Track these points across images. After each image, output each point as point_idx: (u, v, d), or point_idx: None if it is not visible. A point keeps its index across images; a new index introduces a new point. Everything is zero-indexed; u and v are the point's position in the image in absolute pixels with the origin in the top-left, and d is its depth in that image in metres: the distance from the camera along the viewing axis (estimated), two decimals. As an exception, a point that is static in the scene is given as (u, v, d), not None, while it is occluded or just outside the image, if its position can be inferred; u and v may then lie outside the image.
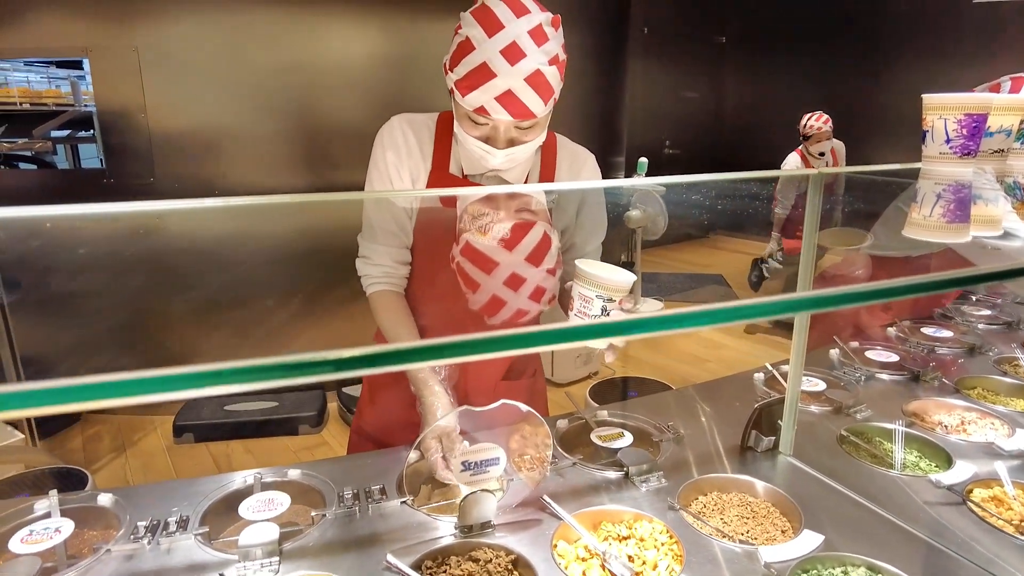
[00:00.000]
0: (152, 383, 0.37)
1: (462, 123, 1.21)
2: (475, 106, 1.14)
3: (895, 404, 1.58)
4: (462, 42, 1.14)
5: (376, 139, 1.34)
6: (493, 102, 1.12)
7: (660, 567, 1.02)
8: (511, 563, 1.02)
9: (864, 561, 1.03)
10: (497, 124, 1.16)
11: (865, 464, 1.34)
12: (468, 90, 1.13)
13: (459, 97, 1.15)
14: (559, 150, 1.38)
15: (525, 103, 1.13)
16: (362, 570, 0.99)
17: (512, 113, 1.13)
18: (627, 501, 1.17)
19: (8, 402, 0.35)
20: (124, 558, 1.02)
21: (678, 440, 1.37)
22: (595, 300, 1.09)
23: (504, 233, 1.25)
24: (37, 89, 3.41)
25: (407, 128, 1.32)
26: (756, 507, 1.20)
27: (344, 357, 0.39)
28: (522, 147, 1.21)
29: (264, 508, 1.10)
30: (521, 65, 1.10)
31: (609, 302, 1.09)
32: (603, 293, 1.09)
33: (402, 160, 1.31)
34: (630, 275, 1.11)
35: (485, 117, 1.15)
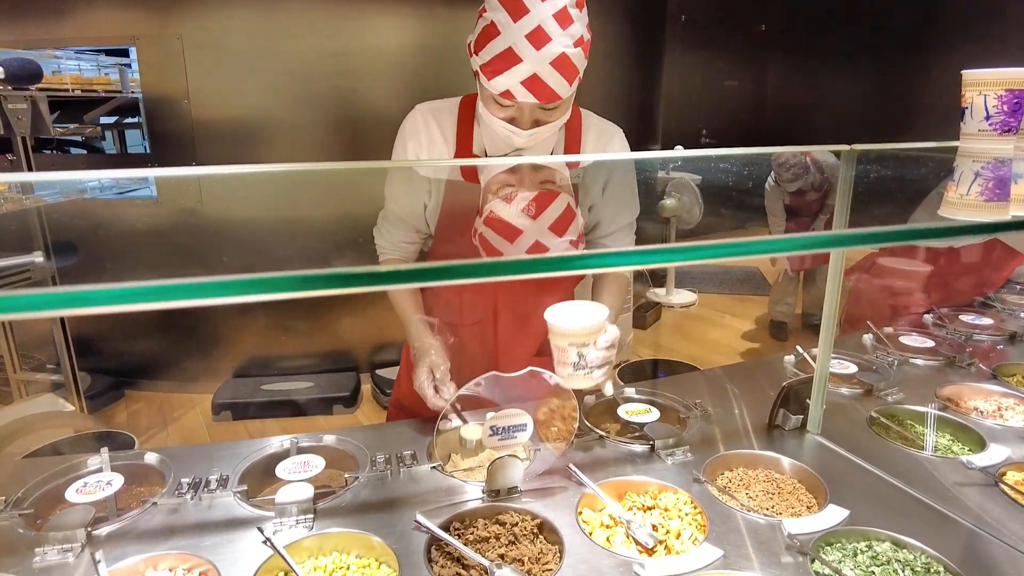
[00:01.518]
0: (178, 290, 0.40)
1: (487, 104, 1.23)
2: (501, 90, 1.15)
3: (928, 388, 1.56)
4: (487, 26, 1.15)
5: (399, 131, 1.37)
6: (519, 86, 1.13)
7: (684, 536, 1.03)
8: (537, 527, 1.05)
9: (889, 536, 1.03)
10: (522, 106, 1.18)
11: (895, 445, 1.33)
12: (493, 74, 1.14)
13: (484, 80, 1.17)
14: (584, 125, 1.38)
15: (551, 86, 1.14)
16: (392, 529, 1.02)
17: (538, 96, 1.14)
18: (652, 473, 1.18)
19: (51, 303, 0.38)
20: (169, 511, 1.08)
21: (705, 417, 1.38)
22: (569, 349, 1.11)
23: (528, 202, 1.27)
24: (88, 77, 3.53)
25: (429, 117, 1.34)
26: (782, 483, 1.20)
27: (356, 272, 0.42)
28: (546, 127, 1.22)
29: (300, 469, 1.15)
30: (547, 49, 1.11)
31: (583, 347, 1.11)
32: (575, 340, 1.11)
33: (422, 150, 1.33)
34: (597, 315, 1.12)
35: (510, 100, 1.16)
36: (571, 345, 1.09)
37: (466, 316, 1.44)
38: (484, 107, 1.24)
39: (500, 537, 1.02)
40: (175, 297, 0.42)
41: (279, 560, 0.95)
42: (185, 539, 1.01)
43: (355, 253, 1.37)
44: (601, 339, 1.11)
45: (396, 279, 0.47)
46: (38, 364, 3.65)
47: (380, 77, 3.67)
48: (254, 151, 3.64)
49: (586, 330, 1.10)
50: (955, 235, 0.62)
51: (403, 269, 0.48)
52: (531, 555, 0.98)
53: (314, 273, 0.44)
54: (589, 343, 1.10)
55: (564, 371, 1.13)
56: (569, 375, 1.13)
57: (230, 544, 1.00)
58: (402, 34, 3.71)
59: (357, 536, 1.02)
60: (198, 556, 0.97)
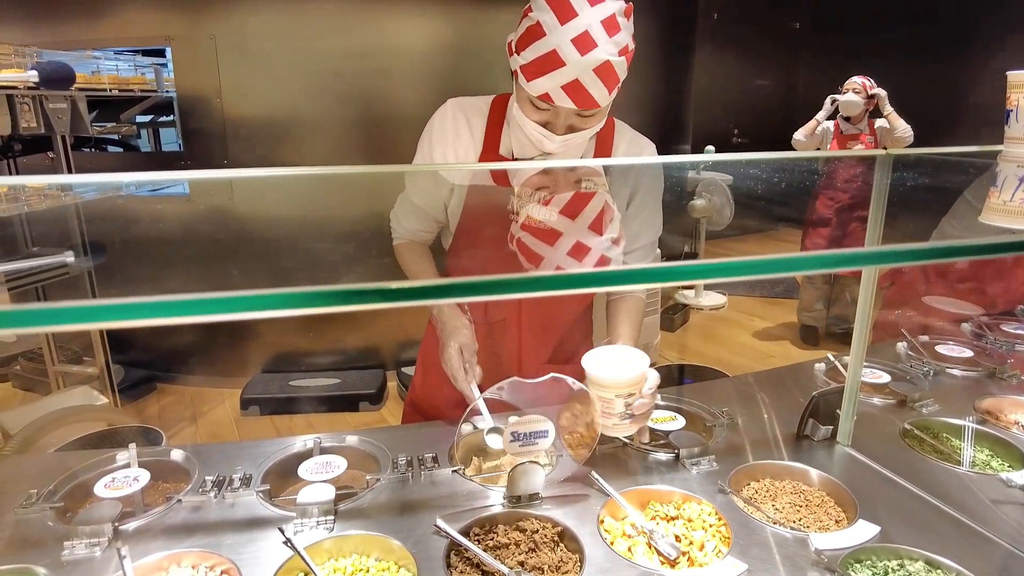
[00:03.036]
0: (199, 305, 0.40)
1: (522, 106, 1.21)
2: (539, 93, 1.13)
3: (966, 400, 1.51)
4: (532, 26, 1.12)
5: (427, 125, 1.36)
6: (559, 90, 1.11)
7: (707, 548, 1.01)
8: (557, 535, 1.04)
9: (922, 555, 0.99)
10: (559, 111, 1.16)
11: (929, 459, 1.29)
12: (534, 76, 1.12)
13: (523, 81, 1.15)
14: (616, 137, 1.36)
15: (591, 93, 1.12)
16: (412, 533, 1.02)
17: (577, 103, 1.12)
18: (676, 482, 1.16)
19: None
20: (192, 508, 1.09)
21: (732, 426, 1.35)
22: (615, 401, 1.11)
23: (565, 203, 1.26)
24: (125, 76, 3.61)
25: (459, 113, 1.33)
26: (810, 495, 1.17)
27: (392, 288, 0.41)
28: (580, 133, 1.20)
29: (322, 470, 1.16)
30: (591, 56, 1.08)
31: (629, 396, 1.11)
32: (621, 391, 1.11)
33: (448, 147, 1.32)
34: (640, 364, 1.12)
35: (548, 103, 1.15)
36: (617, 396, 1.10)
37: (491, 313, 1.44)
38: (518, 108, 1.22)
39: (520, 544, 1.01)
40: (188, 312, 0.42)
41: (299, 561, 0.96)
42: (207, 537, 1.02)
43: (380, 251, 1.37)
44: (646, 388, 1.12)
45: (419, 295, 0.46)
46: (74, 356, 3.74)
47: (408, 76, 3.69)
48: (284, 148, 3.68)
49: (632, 381, 1.10)
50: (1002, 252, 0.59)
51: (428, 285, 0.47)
52: (551, 563, 0.97)
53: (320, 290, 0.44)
54: (635, 392, 1.11)
55: (608, 421, 1.14)
56: (614, 425, 1.14)
57: (251, 544, 1.00)
58: (430, 34, 3.72)
59: (377, 539, 1.01)
60: (220, 555, 0.98)
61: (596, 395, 1.13)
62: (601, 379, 1.11)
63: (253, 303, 0.45)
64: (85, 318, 0.44)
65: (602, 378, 1.10)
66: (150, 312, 0.43)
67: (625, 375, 1.10)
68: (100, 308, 0.44)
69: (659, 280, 0.52)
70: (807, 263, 0.54)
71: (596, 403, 1.14)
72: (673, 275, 0.53)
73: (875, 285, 1.16)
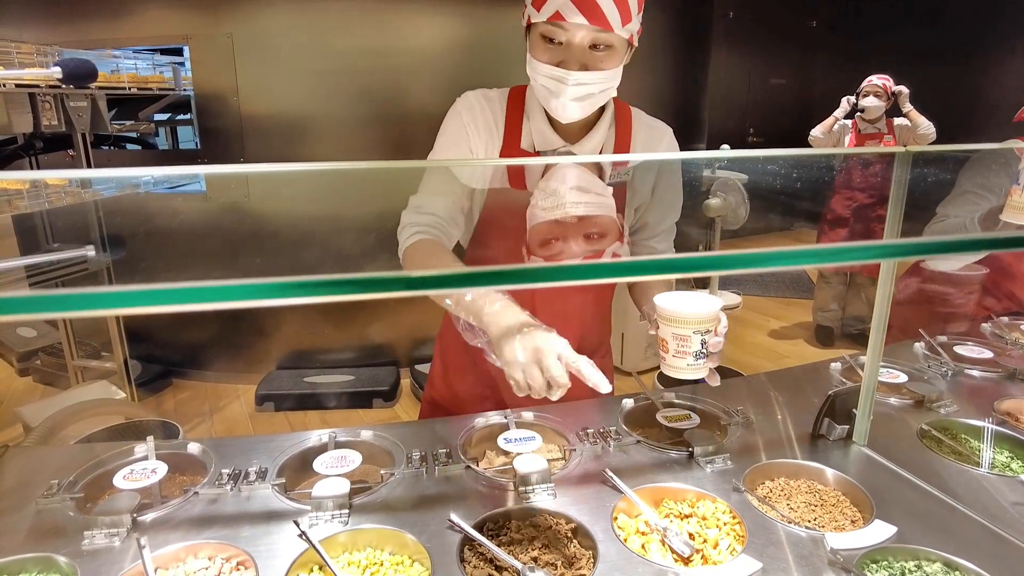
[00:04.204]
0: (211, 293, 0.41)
1: (534, 51, 1.19)
2: (550, 13, 1.12)
3: (985, 402, 1.49)
4: None
5: (451, 110, 1.35)
6: (568, 4, 1.10)
7: (721, 546, 1.01)
8: (571, 531, 1.04)
9: (940, 556, 0.98)
10: (570, 42, 1.14)
11: (947, 460, 1.27)
12: (543, 1, 1.13)
13: (534, 14, 1.15)
14: (635, 123, 1.36)
15: (602, 8, 1.10)
16: (426, 527, 1.03)
17: (588, 17, 1.10)
18: (691, 480, 1.16)
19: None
20: (209, 501, 1.10)
21: (747, 424, 1.35)
22: (693, 337, 1.07)
23: (571, 218, 1.26)
24: (144, 75, 3.65)
25: (483, 102, 1.33)
26: (825, 495, 1.16)
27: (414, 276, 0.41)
28: (595, 75, 1.17)
29: (337, 464, 1.16)
30: None
31: (707, 333, 1.07)
32: (700, 327, 1.06)
33: (479, 130, 1.31)
34: (715, 299, 1.10)
35: (560, 28, 1.13)
36: (696, 333, 1.06)
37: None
38: (532, 58, 1.20)
39: (534, 540, 1.01)
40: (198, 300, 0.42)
41: (314, 554, 0.96)
42: (224, 529, 1.03)
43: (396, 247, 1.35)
44: (721, 326, 1.09)
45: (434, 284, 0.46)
46: (93, 351, 3.79)
47: (423, 74, 3.70)
48: (300, 146, 3.71)
49: (712, 315, 1.06)
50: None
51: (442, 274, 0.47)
52: (565, 559, 0.97)
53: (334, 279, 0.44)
54: (712, 329, 1.07)
55: (683, 361, 1.09)
56: (688, 365, 1.09)
57: (267, 536, 1.01)
58: (446, 31, 3.72)
59: (391, 533, 1.02)
60: (236, 547, 0.99)
61: (672, 333, 1.08)
62: (680, 314, 1.06)
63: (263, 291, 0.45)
64: (97, 304, 0.45)
65: (681, 312, 1.05)
66: (163, 299, 0.44)
67: (705, 309, 1.06)
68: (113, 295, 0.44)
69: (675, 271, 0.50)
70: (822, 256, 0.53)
71: (670, 343, 1.08)
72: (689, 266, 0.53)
73: (893, 282, 1.15)
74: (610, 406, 1.42)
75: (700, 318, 1.05)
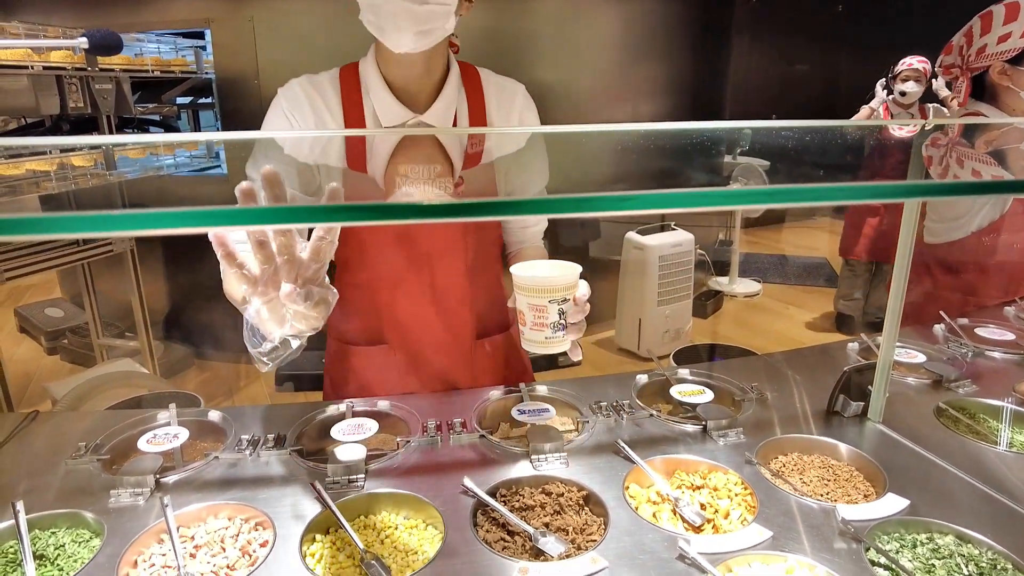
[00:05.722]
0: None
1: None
2: None
3: (1006, 382, 1.47)
4: None
5: (271, 105, 1.23)
6: None
7: (732, 516, 1.02)
8: (583, 499, 1.05)
9: (952, 529, 0.98)
10: None
11: (964, 438, 1.26)
12: None
13: None
14: (485, 85, 1.32)
15: None
16: (440, 492, 1.04)
17: None
18: (704, 453, 1.16)
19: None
20: (228, 464, 1.13)
21: (761, 401, 1.35)
22: (549, 307, 1.03)
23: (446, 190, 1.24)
24: (166, 59, 3.69)
25: (309, 88, 1.23)
26: (838, 470, 1.16)
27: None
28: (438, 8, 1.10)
29: (354, 431, 1.19)
30: None
31: (564, 303, 1.03)
32: (556, 295, 1.02)
33: (307, 124, 1.22)
34: (574, 265, 1.06)
35: None
36: (551, 302, 1.02)
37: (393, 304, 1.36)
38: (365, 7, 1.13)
39: (545, 506, 1.02)
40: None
41: (330, 516, 0.99)
42: (243, 491, 1.05)
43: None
44: (580, 293, 1.04)
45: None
46: (118, 332, 3.87)
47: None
48: (320, 131, 3.73)
49: (567, 282, 1.02)
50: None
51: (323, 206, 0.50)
52: (576, 525, 0.99)
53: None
54: (569, 298, 1.03)
55: (540, 335, 1.05)
56: (547, 339, 1.05)
57: (284, 499, 1.04)
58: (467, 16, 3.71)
59: (406, 497, 1.04)
60: (255, 508, 1.01)
61: (528, 304, 1.04)
62: (534, 283, 1.02)
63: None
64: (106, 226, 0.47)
65: (535, 281, 1.02)
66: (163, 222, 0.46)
67: (560, 276, 1.02)
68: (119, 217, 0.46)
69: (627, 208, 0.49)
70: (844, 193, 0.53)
71: (527, 314, 1.05)
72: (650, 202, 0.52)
73: (911, 252, 1.14)
74: (624, 382, 1.42)
75: (554, 285, 1.01)
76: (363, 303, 1.36)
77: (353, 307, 1.37)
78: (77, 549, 0.95)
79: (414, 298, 1.34)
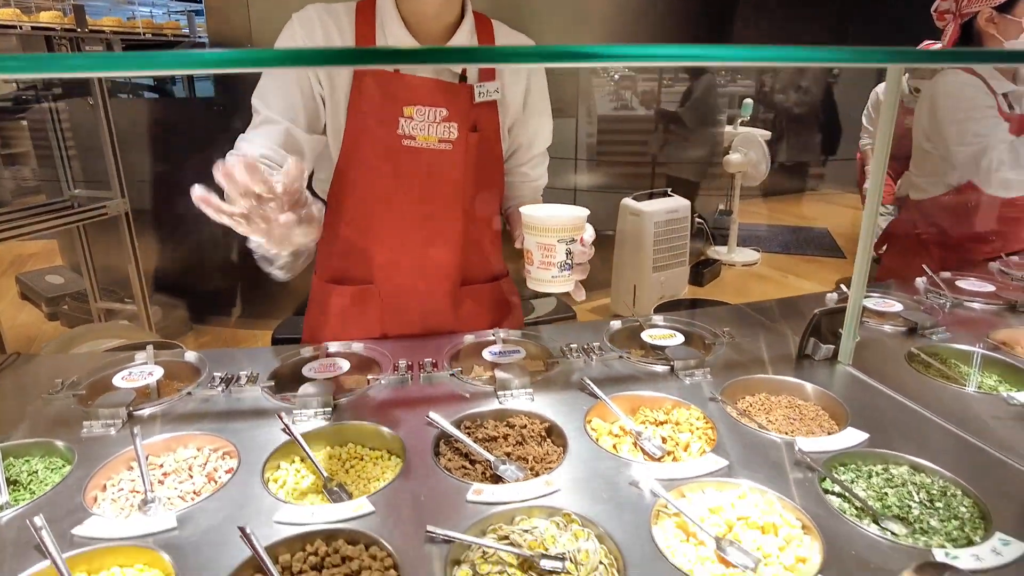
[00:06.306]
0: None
1: None
2: None
3: (981, 331, 1.47)
4: None
5: (284, 28, 1.24)
6: None
7: (692, 448, 1.03)
8: (545, 430, 1.07)
9: (908, 460, 0.99)
10: None
11: (934, 382, 1.27)
12: None
13: None
14: (497, 36, 1.33)
15: None
16: (406, 424, 1.06)
17: None
18: (669, 391, 1.18)
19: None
20: (201, 400, 1.15)
21: (732, 344, 1.35)
22: (557, 246, 1.06)
23: (446, 135, 1.24)
24: (159, 22, 3.67)
25: (325, 16, 1.23)
26: (805, 409, 1.17)
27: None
28: None
29: (326, 370, 1.20)
30: None
31: (571, 243, 1.07)
32: (564, 235, 1.06)
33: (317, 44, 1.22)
34: (582, 208, 1.09)
35: None
36: (560, 241, 1.06)
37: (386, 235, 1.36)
38: None
39: (508, 437, 1.04)
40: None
41: (296, 447, 1.01)
42: (213, 424, 1.08)
43: None
44: (586, 235, 1.08)
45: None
46: (118, 299, 3.91)
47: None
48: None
49: (575, 223, 1.06)
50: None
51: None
52: (536, 455, 1.00)
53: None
54: (576, 239, 1.07)
55: (547, 273, 1.09)
56: (553, 277, 1.09)
57: (253, 430, 1.06)
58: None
59: (371, 428, 1.06)
60: (223, 438, 1.03)
61: (536, 243, 1.08)
62: (543, 222, 1.06)
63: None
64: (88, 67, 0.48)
65: (544, 221, 1.05)
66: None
67: (568, 216, 1.06)
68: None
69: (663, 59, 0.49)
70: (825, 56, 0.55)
71: (534, 253, 1.09)
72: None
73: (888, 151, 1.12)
74: (599, 327, 1.43)
75: (564, 225, 1.05)
76: (356, 239, 1.36)
77: (346, 244, 1.37)
78: (49, 475, 0.98)
79: (406, 236, 1.34)
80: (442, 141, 1.25)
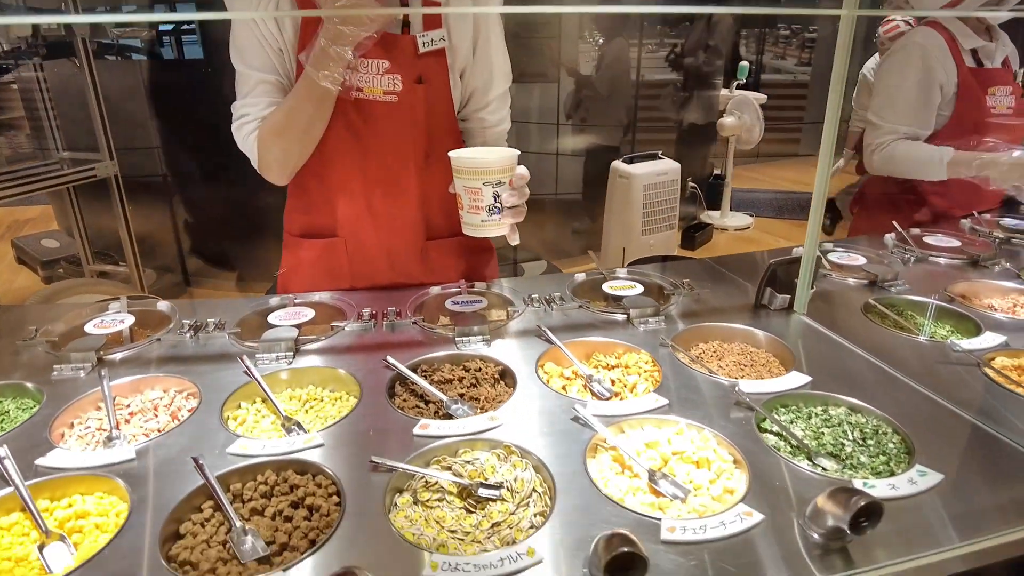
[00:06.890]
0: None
1: None
2: None
3: (941, 284, 1.49)
4: None
5: None
6: None
7: (638, 389, 1.07)
8: (498, 373, 1.10)
9: (846, 402, 1.03)
10: None
11: (887, 331, 1.30)
12: None
13: None
14: None
15: None
16: (363, 367, 1.10)
17: None
18: (622, 338, 1.21)
19: None
20: (170, 345, 1.19)
21: (691, 295, 1.38)
22: (484, 189, 1.04)
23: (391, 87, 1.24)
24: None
25: None
26: (756, 356, 1.21)
27: None
28: None
29: (290, 317, 1.24)
30: None
31: (499, 186, 1.04)
32: (490, 178, 1.03)
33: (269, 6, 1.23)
34: (511, 150, 1.06)
35: None
36: (486, 184, 1.04)
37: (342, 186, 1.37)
38: None
39: (463, 380, 1.08)
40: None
41: (258, 389, 1.04)
42: (180, 367, 1.11)
43: None
44: (517, 178, 1.06)
45: None
46: (112, 262, 3.94)
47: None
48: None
49: (503, 164, 1.04)
50: None
51: None
52: (489, 396, 1.04)
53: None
54: (504, 182, 1.05)
55: (476, 218, 1.08)
56: (482, 221, 1.08)
57: (217, 373, 1.10)
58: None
59: (329, 371, 1.10)
60: (188, 380, 1.07)
61: (463, 186, 1.07)
62: (469, 164, 1.04)
63: None
64: None
65: (468, 163, 1.04)
66: None
67: (493, 158, 1.04)
68: None
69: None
70: None
71: (463, 197, 1.08)
72: None
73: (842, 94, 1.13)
74: (565, 280, 1.46)
75: (488, 168, 1.02)
76: (319, 193, 1.37)
77: (309, 197, 1.39)
78: (20, 415, 1.02)
79: (364, 189, 1.35)
80: (387, 93, 1.25)
